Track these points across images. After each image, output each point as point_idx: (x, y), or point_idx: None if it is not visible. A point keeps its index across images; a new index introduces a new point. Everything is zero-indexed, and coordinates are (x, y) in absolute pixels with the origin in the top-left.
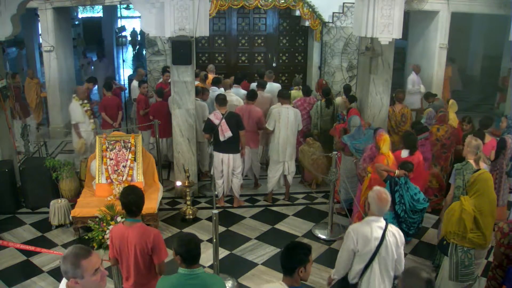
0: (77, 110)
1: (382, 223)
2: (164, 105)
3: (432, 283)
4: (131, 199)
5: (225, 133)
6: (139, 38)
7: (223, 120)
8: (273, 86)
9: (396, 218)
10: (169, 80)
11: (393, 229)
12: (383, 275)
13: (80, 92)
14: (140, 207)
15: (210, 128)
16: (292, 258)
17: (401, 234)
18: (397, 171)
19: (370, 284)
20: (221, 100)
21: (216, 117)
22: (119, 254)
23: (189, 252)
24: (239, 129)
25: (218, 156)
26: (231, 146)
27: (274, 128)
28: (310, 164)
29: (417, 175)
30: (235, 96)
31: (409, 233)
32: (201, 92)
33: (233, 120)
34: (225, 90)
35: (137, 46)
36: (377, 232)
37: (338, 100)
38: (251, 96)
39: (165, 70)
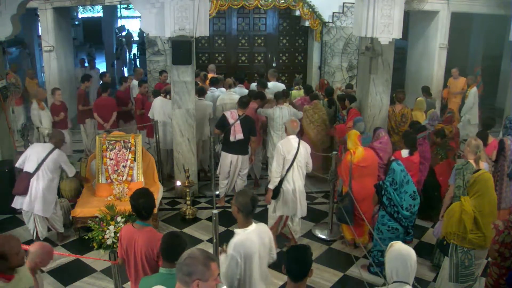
0: None
1: (297, 139)
2: None
3: (255, 199)
4: (141, 203)
5: (237, 134)
6: (137, 39)
7: (238, 122)
8: (278, 86)
9: (392, 218)
10: (167, 81)
11: (303, 143)
12: (299, 171)
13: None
14: (150, 212)
15: (223, 125)
16: (306, 262)
17: (308, 147)
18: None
19: (293, 177)
20: (243, 103)
21: (232, 116)
22: (126, 255)
23: (172, 250)
24: (251, 135)
25: (227, 157)
26: (240, 147)
27: (268, 127)
28: (311, 129)
29: (413, 174)
30: (236, 95)
31: (409, 231)
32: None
33: (248, 124)
34: (226, 90)
35: (132, 48)
36: (295, 144)
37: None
38: (259, 97)
39: (160, 73)
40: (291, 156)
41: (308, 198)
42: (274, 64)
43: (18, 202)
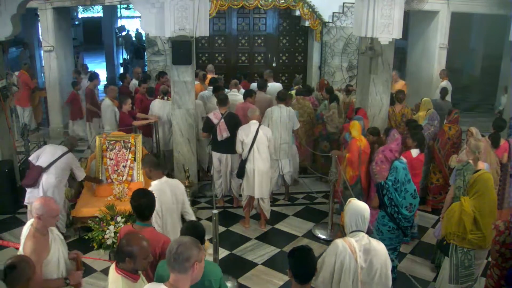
0: None
1: (257, 124)
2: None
3: (156, 155)
4: (143, 203)
5: (223, 133)
6: (134, 40)
7: (222, 120)
8: (275, 86)
9: (392, 219)
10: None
11: (264, 128)
12: (260, 153)
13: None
14: (152, 211)
15: (209, 127)
16: (311, 264)
17: (269, 131)
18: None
19: (254, 158)
20: (222, 100)
21: (215, 116)
22: None
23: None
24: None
25: (216, 156)
26: (228, 145)
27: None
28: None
29: (418, 172)
30: (240, 95)
31: (406, 233)
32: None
33: (232, 120)
34: (230, 89)
35: (132, 50)
36: (254, 128)
37: (341, 97)
38: (248, 95)
39: (161, 74)
40: (249, 139)
41: (308, 198)
42: (274, 64)
43: (27, 196)
